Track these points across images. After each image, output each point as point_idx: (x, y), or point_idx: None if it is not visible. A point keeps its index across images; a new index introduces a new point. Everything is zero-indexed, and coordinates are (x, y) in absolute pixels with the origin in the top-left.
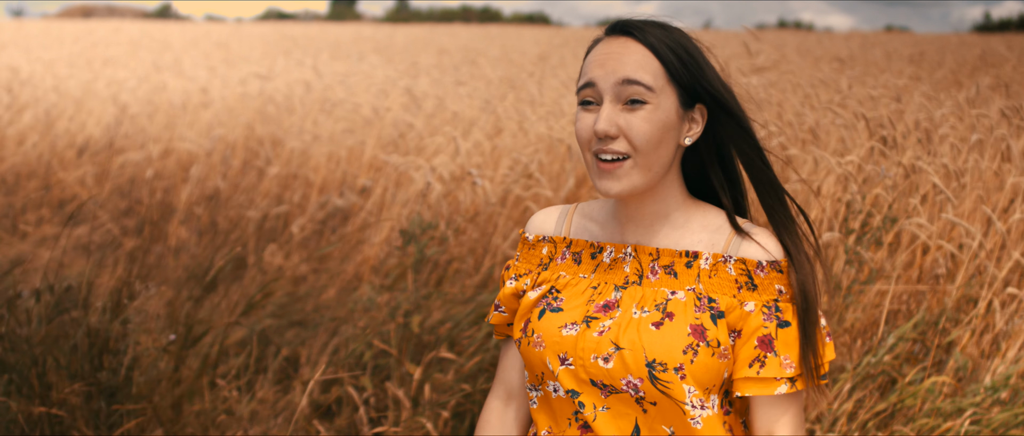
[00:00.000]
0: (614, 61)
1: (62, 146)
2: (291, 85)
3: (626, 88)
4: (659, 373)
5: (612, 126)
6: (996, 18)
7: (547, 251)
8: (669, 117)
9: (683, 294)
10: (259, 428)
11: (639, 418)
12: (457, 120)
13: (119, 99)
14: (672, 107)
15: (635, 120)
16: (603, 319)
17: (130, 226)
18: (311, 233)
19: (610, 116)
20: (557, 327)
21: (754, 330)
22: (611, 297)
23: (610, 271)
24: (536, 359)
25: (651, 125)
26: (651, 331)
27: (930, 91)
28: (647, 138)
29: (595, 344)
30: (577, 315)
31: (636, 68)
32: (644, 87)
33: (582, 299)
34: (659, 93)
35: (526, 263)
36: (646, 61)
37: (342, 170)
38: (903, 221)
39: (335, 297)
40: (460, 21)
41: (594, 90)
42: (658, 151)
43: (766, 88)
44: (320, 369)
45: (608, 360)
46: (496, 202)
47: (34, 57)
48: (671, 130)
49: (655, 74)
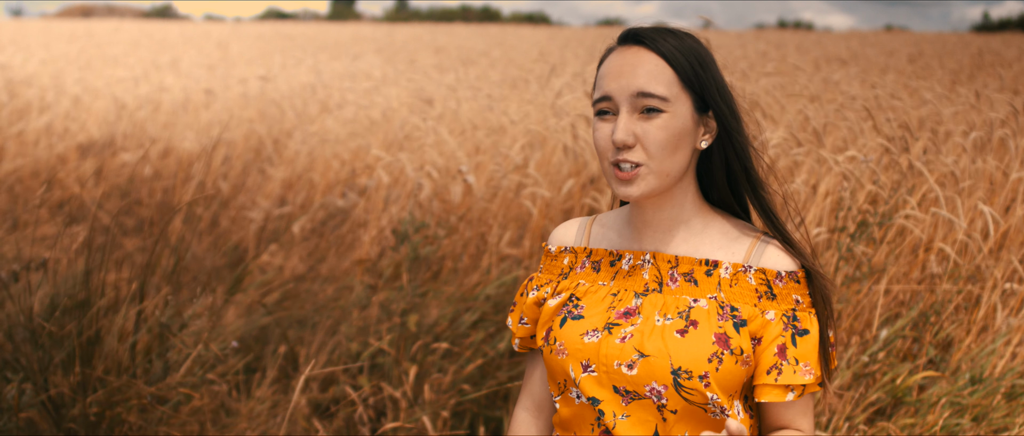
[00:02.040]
0: (628, 73)
1: (62, 146)
2: (293, 86)
3: (641, 100)
4: (684, 381)
5: (629, 136)
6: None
7: (568, 261)
8: (685, 123)
9: (705, 302)
10: (258, 427)
11: (659, 426)
12: (457, 119)
13: (119, 99)
14: (687, 113)
15: (651, 129)
16: (624, 326)
17: (130, 225)
18: (310, 233)
19: (627, 126)
20: (579, 334)
21: (774, 338)
22: (631, 304)
23: (629, 278)
24: (558, 367)
25: (667, 133)
26: (676, 339)
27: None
28: (663, 146)
29: (619, 351)
30: (598, 322)
31: (650, 79)
32: (659, 98)
33: (602, 306)
34: (674, 101)
35: (548, 274)
36: (659, 71)
37: (344, 170)
38: (898, 214)
39: (332, 296)
40: (460, 21)
41: (611, 102)
42: (674, 157)
43: (769, 91)
44: (318, 367)
45: (632, 367)
46: (489, 199)
47: (34, 57)
48: (687, 136)
49: (669, 83)
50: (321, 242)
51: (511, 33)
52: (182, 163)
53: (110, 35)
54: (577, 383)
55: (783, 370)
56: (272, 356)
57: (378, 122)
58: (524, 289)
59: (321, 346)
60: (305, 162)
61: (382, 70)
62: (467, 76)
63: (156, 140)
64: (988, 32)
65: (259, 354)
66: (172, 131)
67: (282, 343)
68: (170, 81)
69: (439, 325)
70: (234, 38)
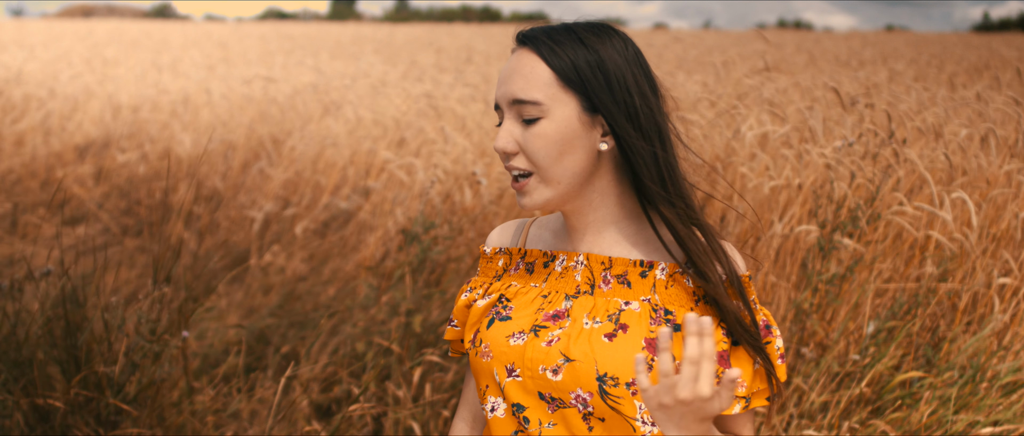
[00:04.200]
0: (507, 79)
1: (61, 146)
2: (295, 86)
3: (517, 107)
4: (610, 388)
5: (509, 143)
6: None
7: (502, 263)
8: (568, 126)
9: (637, 305)
10: (258, 427)
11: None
12: (457, 119)
13: (119, 99)
14: (571, 115)
15: (529, 136)
16: (552, 329)
17: (130, 225)
18: (313, 233)
19: (507, 133)
20: (505, 336)
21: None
22: (561, 306)
23: (561, 279)
24: (483, 370)
25: (544, 139)
26: (603, 343)
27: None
28: (543, 152)
29: (544, 355)
30: (525, 324)
31: (524, 86)
32: (532, 103)
33: (532, 308)
34: (551, 104)
35: (483, 276)
36: (535, 74)
37: (346, 172)
38: (889, 209)
39: (335, 296)
40: (460, 21)
41: (499, 110)
42: (562, 163)
43: (772, 92)
44: (318, 366)
45: (557, 372)
46: (494, 201)
47: (34, 56)
48: (575, 140)
49: (545, 84)
50: (323, 243)
51: (512, 33)
52: (182, 163)
53: (111, 35)
54: (502, 388)
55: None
56: (273, 356)
57: (379, 123)
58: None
59: (322, 346)
60: (307, 163)
61: (383, 70)
62: (469, 76)
63: (156, 140)
64: (988, 32)
65: (260, 354)
66: (172, 131)
67: (283, 343)
68: (170, 81)
69: (441, 324)
70: (235, 38)
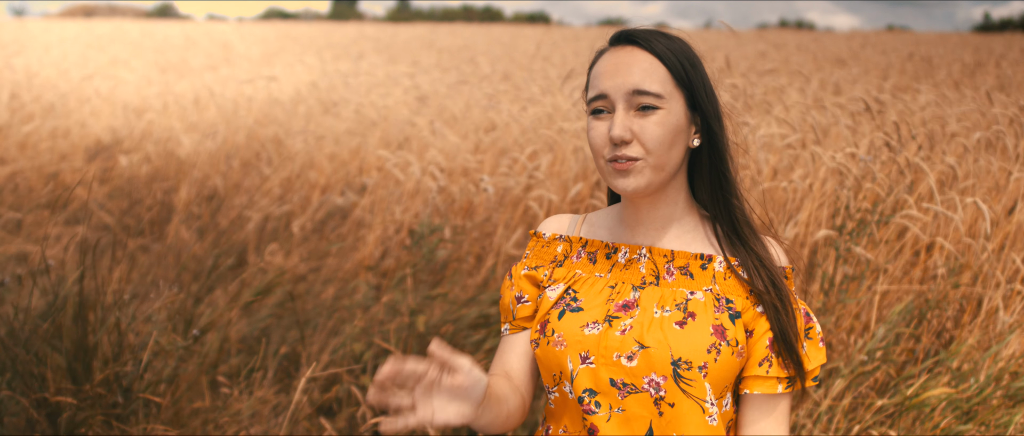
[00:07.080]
0: (624, 71)
1: (64, 146)
2: (296, 86)
3: (637, 97)
4: (683, 371)
5: (627, 131)
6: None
7: (561, 249)
8: (679, 120)
9: (702, 295)
10: (259, 427)
11: (654, 421)
12: (457, 119)
13: (120, 99)
14: (681, 111)
15: (648, 125)
16: (624, 318)
17: (131, 225)
18: (310, 232)
19: (624, 122)
20: (579, 326)
21: (765, 331)
22: (630, 297)
23: (626, 271)
24: (555, 359)
25: (663, 129)
26: (675, 330)
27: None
28: (660, 141)
29: (619, 343)
30: (598, 314)
31: (645, 77)
32: (654, 95)
33: (601, 298)
34: (668, 98)
35: (538, 258)
36: (653, 69)
37: (346, 170)
38: (899, 213)
39: (334, 295)
40: (462, 20)
41: (606, 100)
42: (670, 153)
43: (770, 91)
44: (319, 366)
45: (632, 358)
46: (495, 203)
47: (35, 56)
48: (682, 132)
49: (663, 80)
50: (322, 241)
51: (513, 33)
52: (183, 163)
53: (112, 35)
54: (573, 376)
55: (773, 363)
56: (273, 356)
57: (380, 124)
58: (512, 275)
59: (322, 347)
60: (306, 161)
61: (385, 70)
62: (468, 75)
63: (160, 141)
64: (989, 32)
65: (260, 354)
66: (176, 133)
67: (283, 344)
68: (172, 81)
69: (444, 325)
70: (237, 38)
